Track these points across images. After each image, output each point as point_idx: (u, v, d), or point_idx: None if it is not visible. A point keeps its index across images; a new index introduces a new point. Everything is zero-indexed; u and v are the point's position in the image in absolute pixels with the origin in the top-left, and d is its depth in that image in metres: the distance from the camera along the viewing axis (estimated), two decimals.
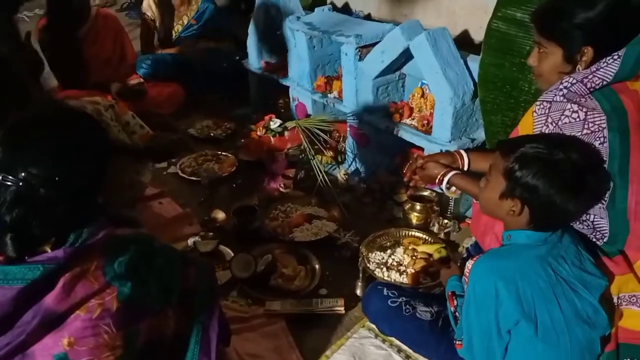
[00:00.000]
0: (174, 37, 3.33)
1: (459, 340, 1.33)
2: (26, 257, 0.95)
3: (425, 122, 2.30)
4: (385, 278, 1.85)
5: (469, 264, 1.28)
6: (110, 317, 0.96)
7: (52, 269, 0.93)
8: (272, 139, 2.57)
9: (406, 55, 2.27)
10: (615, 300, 1.34)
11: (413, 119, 2.38)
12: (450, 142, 2.14)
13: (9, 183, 0.94)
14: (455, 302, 1.39)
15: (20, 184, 0.94)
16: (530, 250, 1.23)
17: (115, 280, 0.98)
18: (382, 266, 1.91)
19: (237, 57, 3.30)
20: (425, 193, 2.24)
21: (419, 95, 2.41)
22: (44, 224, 0.97)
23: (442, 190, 1.78)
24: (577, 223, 1.34)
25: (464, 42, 2.73)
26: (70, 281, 0.94)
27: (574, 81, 1.30)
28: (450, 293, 1.43)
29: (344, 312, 1.73)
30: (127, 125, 2.04)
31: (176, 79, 3.23)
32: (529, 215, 1.23)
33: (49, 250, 0.97)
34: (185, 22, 3.30)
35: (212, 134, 3.01)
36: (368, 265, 1.90)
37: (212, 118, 3.18)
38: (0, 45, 1.82)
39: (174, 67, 3.22)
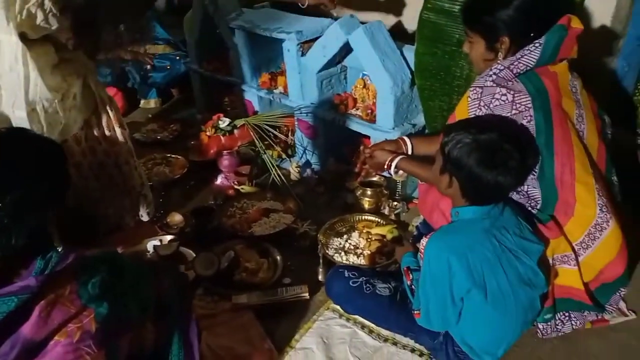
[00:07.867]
0: None
1: (416, 310, 1.44)
2: None
3: (369, 111, 2.41)
4: (344, 262, 1.94)
5: (423, 241, 1.39)
6: (90, 339, 0.97)
7: (26, 298, 0.94)
8: (222, 138, 2.58)
9: (346, 49, 2.36)
10: (550, 261, 1.51)
11: (357, 109, 2.48)
12: (393, 128, 2.26)
13: None
14: (411, 276, 1.50)
15: None
16: (476, 224, 1.35)
17: (91, 301, 0.99)
18: (340, 251, 2.01)
19: (177, 58, 3.27)
20: (375, 179, 2.34)
21: (361, 86, 2.51)
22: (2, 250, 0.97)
23: (390, 175, 1.90)
24: (515, 193, 1.49)
25: (398, 33, 2.84)
26: (46, 308, 0.95)
27: (502, 67, 1.44)
28: (405, 268, 1.54)
29: (308, 297, 1.80)
30: None
31: (114, 85, 3.17)
32: (459, 188, 1.36)
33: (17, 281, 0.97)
34: None
35: (158, 137, 2.98)
36: (327, 251, 1.99)
37: (157, 121, 3.15)
38: None
39: (112, 74, 3.16)
